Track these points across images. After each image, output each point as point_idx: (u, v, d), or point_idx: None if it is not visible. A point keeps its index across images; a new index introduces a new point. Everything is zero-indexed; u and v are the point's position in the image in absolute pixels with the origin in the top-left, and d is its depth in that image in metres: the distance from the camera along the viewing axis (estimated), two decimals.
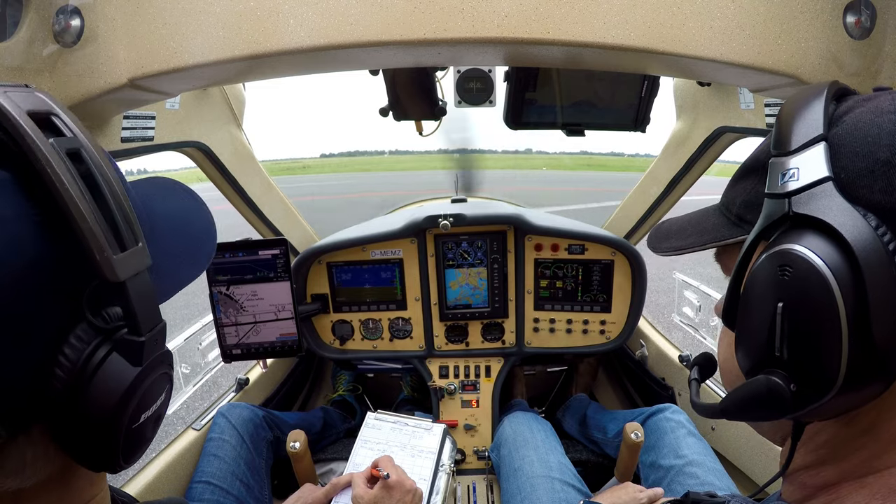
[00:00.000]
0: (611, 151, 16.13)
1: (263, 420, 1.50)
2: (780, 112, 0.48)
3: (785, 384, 0.41)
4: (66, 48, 0.73)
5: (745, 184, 0.52)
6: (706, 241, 0.55)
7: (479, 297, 1.75)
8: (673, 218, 0.67)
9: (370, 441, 1.31)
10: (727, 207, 0.55)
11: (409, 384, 2.13)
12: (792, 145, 0.43)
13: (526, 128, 1.30)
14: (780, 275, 0.40)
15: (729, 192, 0.56)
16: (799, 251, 0.39)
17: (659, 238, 0.64)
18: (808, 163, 0.42)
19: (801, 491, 0.49)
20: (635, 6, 0.68)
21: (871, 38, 0.70)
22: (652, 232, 0.67)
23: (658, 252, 0.62)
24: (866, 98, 0.45)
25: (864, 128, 0.42)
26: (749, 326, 0.44)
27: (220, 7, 0.68)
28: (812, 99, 0.46)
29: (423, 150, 19.90)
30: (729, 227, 0.53)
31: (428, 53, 0.74)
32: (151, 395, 0.44)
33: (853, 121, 0.43)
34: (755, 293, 0.43)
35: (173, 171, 7.31)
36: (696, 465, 1.21)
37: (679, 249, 0.58)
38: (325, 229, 2.01)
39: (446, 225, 1.61)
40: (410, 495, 1.05)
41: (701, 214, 0.61)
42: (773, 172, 0.44)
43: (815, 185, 0.41)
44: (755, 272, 0.43)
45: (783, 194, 0.42)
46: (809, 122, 0.44)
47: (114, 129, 1.01)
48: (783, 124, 0.46)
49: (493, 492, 1.55)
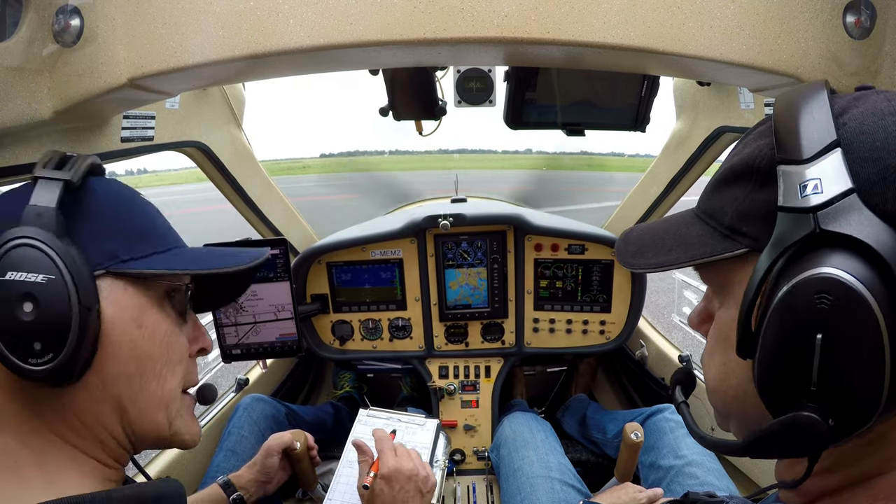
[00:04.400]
0: (611, 151, 16.15)
1: (286, 417, 1.50)
2: (779, 114, 0.44)
3: (822, 419, 0.37)
4: (65, 48, 0.73)
5: (734, 190, 0.47)
6: (696, 255, 0.48)
7: (479, 298, 1.75)
8: (642, 225, 0.60)
9: (363, 438, 1.30)
10: (713, 216, 0.49)
11: (409, 384, 2.13)
12: (805, 152, 0.39)
13: (526, 128, 1.30)
14: (816, 304, 0.36)
15: (713, 199, 0.50)
16: (838, 276, 0.36)
17: (632, 251, 0.56)
18: (828, 172, 0.38)
19: (800, 498, 0.48)
20: (635, 6, 0.68)
21: (871, 38, 0.70)
22: (620, 242, 0.60)
23: (634, 269, 0.55)
24: (856, 98, 0.43)
25: (870, 132, 0.39)
26: (775, 360, 0.39)
27: (220, 7, 0.68)
28: (813, 99, 0.42)
29: (423, 150, 19.91)
30: (720, 240, 0.47)
31: (428, 53, 0.74)
32: None
33: (855, 124, 0.40)
34: (784, 324, 0.38)
35: (173, 171, 7.31)
36: (695, 466, 1.21)
37: (662, 266, 0.51)
38: (324, 229, 2.01)
39: (446, 225, 1.61)
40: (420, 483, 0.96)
41: (679, 223, 0.54)
42: (789, 183, 0.40)
43: (841, 197, 0.37)
44: (784, 301, 0.38)
45: (807, 209, 0.38)
46: (819, 126, 0.40)
47: (113, 129, 1.01)
48: (788, 128, 0.42)
49: (492, 492, 1.54)
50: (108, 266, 0.54)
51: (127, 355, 0.54)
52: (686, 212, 0.55)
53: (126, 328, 0.54)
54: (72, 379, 0.50)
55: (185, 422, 0.62)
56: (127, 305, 0.55)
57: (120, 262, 0.55)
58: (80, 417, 0.53)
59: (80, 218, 0.54)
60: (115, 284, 0.54)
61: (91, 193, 0.56)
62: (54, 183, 0.52)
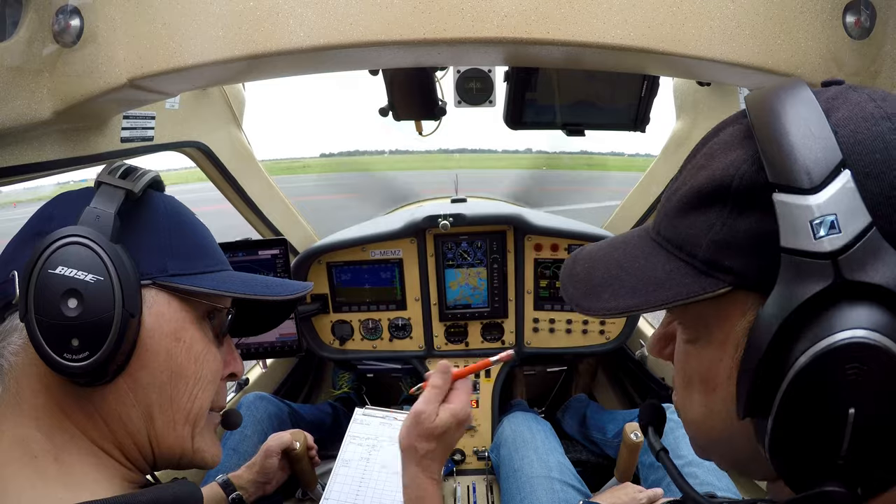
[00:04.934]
0: (611, 151, 16.13)
1: (288, 416, 1.49)
2: (759, 120, 0.37)
3: (850, 490, 0.33)
4: (65, 48, 0.73)
5: (706, 216, 0.39)
6: (670, 298, 0.40)
7: (479, 298, 1.75)
8: (587, 253, 0.50)
9: (359, 437, 1.31)
10: (682, 248, 0.41)
11: (409, 384, 2.13)
12: (810, 177, 0.32)
13: (526, 128, 1.30)
14: (847, 373, 0.31)
15: (679, 226, 0.42)
16: (873, 341, 0.30)
17: (582, 290, 0.47)
18: (843, 204, 0.31)
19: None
20: (635, 6, 0.68)
21: (871, 38, 0.70)
22: (566, 279, 0.49)
23: (590, 314, 0.46)
24: (832, 97, 0.37)
25: (867, 142, 0.33)
26: (796, 434, 0.34)
27: (220, 7, 0.68)
28: (801, 102, 0.35)
29: (423, 149, 19.95)
30: (695, 277, 0.39)
31: (428, 53, 0.74)
32: None
33: (848, 133, 0.34)
34: (809, 397, 0.33)
35: (173, 171, 7.32)
36: (695, 465, 1.21)
37: (629, 311, 0.42)
38: (324, 229, 2.01)
39: (446, 225, 1.61)
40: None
41: (635, 253, 0.45)
42: (793, 220, 0.32)
43: (862, 235, 0.31)
44: (808, 371, 0.32)
45: (824, 255, 0.31)
46: (819, 140, 0.33)
47: (113, 129, 1.01)
48: (777, 141, 0.34)
49: (492, 492, 1.54)
50: (156, 278, 0.55)
51: (161, 366, 0.54)
52: (639, 236, 0.47)
53: (164, 340, 0.55)
54: (104, 379, 0.51)
55: (207, 441, 0.62)
56: (168, 318, 0.55)
57: (168, 276, 0.56)
58: (107, 420, 0.53)
59: (136, 227, 0.56)
60: (160, 296, 0.55)
61: (149, 206, 0.58)
62: (116, 191, 0.54)
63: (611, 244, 0.50)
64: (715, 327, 0.40)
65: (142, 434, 0.55)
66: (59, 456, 0.49)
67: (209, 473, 1.29)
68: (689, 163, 0.45)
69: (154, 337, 0.54)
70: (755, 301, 0.37)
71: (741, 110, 0.43)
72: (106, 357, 0.48)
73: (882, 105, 0.35)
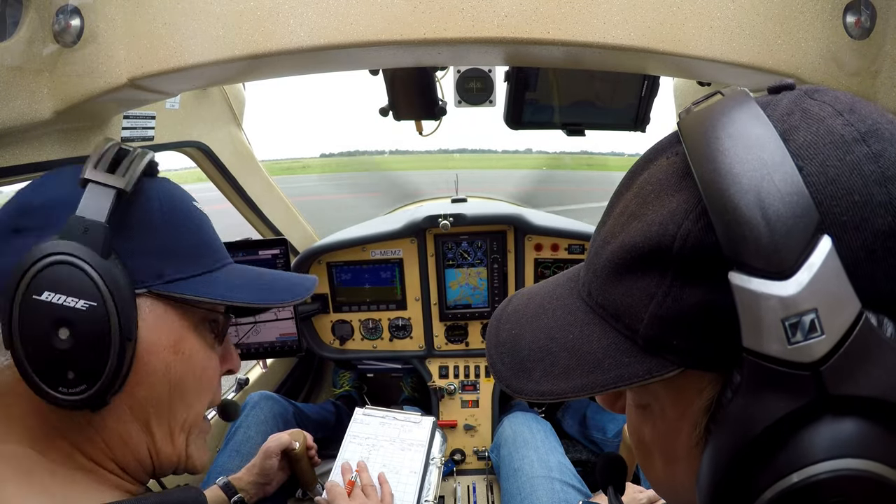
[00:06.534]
0: (611, 151, 16.15)
1: (293, 416, 1.49)
2: (701, 160, 0.28)
3: None
4: (66, 48, 0.73)
5: (643, 282, 0.31)
6: (610, 381, 0.33)
7: (479, 297, 1.75)
8: (515, 317, 0.43)
9: (359, 436, 1.31)
10: (619, 318, 0.34)
11: (409, 384, 2.13)
12: (778, 257, 0.24)
13: (526, 128, 1.30)
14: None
15: (613, 291, 0.34)
16: (863, 471, 0.24)
17: (510, 365, 0.39)
18: (825, 292, 0.23)
19: None
20: (635, 6, 0.68)
21: (871, 38, 0.70)
22: (492, 343, 0.42)
23: (523, 397, 0.38)
24: (787, 112, 0.29)
25: (840, 179, 0.25)
26: None
27: (220, 7, 0.68)
28: (751, 127, 0.27)
29: (423, 149, 19.97)
30: (638, 356, 0.32)
31: (428, 53, 0.74)
32: None
33: (815, 168, 0.26)
34: None
35: (173, 171, 7.32)
36: None
37: (563, 396, 0.36)
38: (324, 229, 2.01)
39: (446, 225, 1.61)
40: None
41: (566, 320, 0.38)
42: (756, 313, 0.24)
43: (849, 334, 0.24)
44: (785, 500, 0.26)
45: (803, 365, 0.24)
46: (785, 192, 0.25)
47: (114, 130, 1.01)
48: (730, 200, 0.25)
49: (492, 492, 1.55)
50: (151, 285, 0.51)
51: (161, 380, 0.52)
52: (569, 293, 0.40)
53: (162, 353, 0.51)
54: (102, 406, 0.48)
55: (198, 448, 0.60)
56: (165, 330, 0.52)
57: (165, 283, 0.51)
58: (107, 440, 0.51)
59: (129, 231, 0.50)
60: (156, 306, 0.51)
61: (143, 202, 0.53)
62: (106, 190, 0.47)
63: (539, 304, 0.42)
64: (668, 405, 0.35)
65: (142, 448, 0.53)
66: (56, 471, 0.47)
67: (209, 475, 1.29)
68: (618, 202, 0.36)
69: (152, 351, 0.50)
70: (712, 380, 0.31)
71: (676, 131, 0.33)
72: (105, 388, 0.45)
73: (851, 120, 0.27)
